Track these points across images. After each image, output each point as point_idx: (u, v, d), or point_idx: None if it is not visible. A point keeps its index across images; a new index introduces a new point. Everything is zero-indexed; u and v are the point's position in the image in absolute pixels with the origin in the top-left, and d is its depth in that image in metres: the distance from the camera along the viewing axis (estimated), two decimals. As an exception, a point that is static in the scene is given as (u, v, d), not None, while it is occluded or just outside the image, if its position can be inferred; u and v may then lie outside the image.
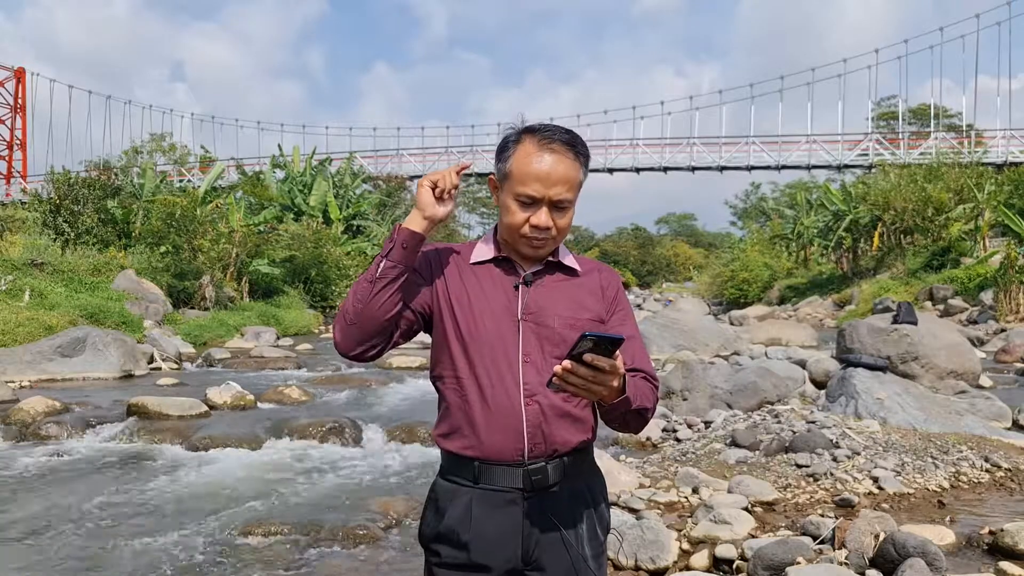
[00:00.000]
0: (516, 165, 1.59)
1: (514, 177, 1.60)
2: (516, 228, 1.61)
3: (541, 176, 1.57)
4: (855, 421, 5.66)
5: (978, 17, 40.05)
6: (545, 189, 1.57)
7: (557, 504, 1.61)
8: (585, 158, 1.63)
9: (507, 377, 1.59)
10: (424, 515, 1.70)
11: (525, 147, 1.60)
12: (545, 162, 1.57)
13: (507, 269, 1.67)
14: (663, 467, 5.08)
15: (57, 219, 21.29)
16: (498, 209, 1.68)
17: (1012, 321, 16.14)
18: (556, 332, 1.61)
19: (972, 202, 23.99)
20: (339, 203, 31.72)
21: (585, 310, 1.66)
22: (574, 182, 1.60)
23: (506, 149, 1.63)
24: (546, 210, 1.59)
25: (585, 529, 1.64)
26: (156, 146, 43.57)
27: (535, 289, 1.65)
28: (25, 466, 6.06)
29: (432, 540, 1.65)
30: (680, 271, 66.72)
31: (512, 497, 1.58)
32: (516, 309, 1.63)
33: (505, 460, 1.58)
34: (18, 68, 52.35)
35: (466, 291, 1.65)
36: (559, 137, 1.59)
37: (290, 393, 8.83)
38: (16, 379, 9.79)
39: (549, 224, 1.59)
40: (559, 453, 1.60)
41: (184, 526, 4.59)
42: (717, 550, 3.63)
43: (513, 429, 1.57)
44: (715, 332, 13.75)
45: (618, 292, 1.75)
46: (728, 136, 42.64)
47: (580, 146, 1.61)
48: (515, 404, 1.58)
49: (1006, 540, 3.57)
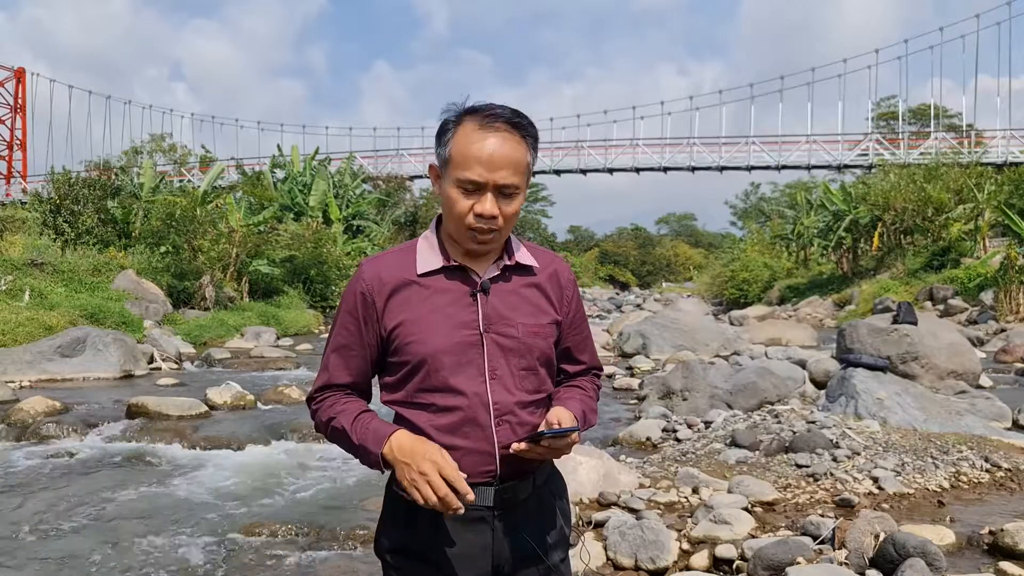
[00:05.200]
0: (456, 149, 1.45)
1: (454, 162, 1.45)
2: (460, 219, 1.47)
3: (484, 159, 1.42)
4: (855, 421, 5.66)
5: (978, 17, 40.06)
6: (489, 173, 1.43)
7: (526, 517, 1.57)
8: (533, 139, 1.49)
9: (475, 399, 1.49)
10: (382, 526, 1.61)
11: (465, 129, 1.45)
12: (488, 144, 1.43)
13: (460, 276, 1.53)
14: (663, 467, 5.08)
15: (57, 219, 21.28)
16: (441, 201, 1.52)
17: (1012, 321, 16.13)
18: (521, 342, 1.53)
19: (972, 202, 23.98)
20: (339, 203, 31.73)
21: (544, 314, 1.58)
22: (521, 165, 1.46)
23: (445, 132, 1.48)
24: (491, 197, 1.45)
25: (554, 535, 1.62)
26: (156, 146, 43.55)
27: (493, 296, 1.53)
28: (25, 466, 6.06)
29: (393, 552, 1.56)
30: (680, 271, 66.72)
31: (481, 515, 1.52)
32: (476, 321, 1.51)
33: (475, 481, 1.48)
34: (18, 68, 52.34)
35: (418, 311, 1.51)
36: (503, 116, 1.45)
37: (290, 393, 8.83)
38: (16, 379, 9.78)
39: (495, 212, 1.45)
40: (528, 471, 1.56)
41: (184, 526, 4.59)
42: (717, 550, 3.63)
43: (484, 452, 1.50)
44: (715, 332, 13.75)
45: (575, 292, 1.68)
46: (728, 136, 42.70)
47: (527, 126, 1.48)
48: (485, 426, 1.50)
49: (1006, 540, 3.57)
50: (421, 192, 44.09)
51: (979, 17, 39.99)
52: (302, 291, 23.89)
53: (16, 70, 52.17)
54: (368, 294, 1.52)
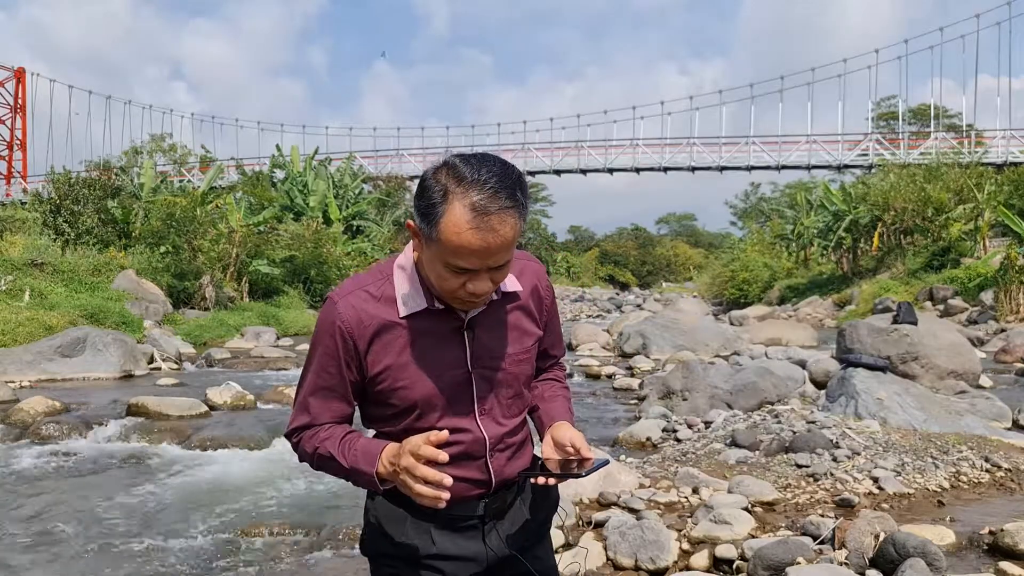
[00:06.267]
0: (446, 235, 1.30)
1: (444, 247, 1.32)
2: (451, 292, 1.40)
3: (478, 251, 1.31)
4: (855, 421, 5.66)
5: (978, 17, 40.06)
6: (483, 261, 1.33)
7: (515, 520, 1.60)
8: (524, 202, 1.34)
9: (467, 435, 1.50)
10: (368, 529, 1.61)
11: (455, 211, 1.29)
12: (482, 237, 1.29)
13: (445, 315, 1.47)
14: (663, 467, 5.08)
15: (57, 219, 21.29)
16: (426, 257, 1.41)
17: (1012, 321, 16.13)
18: (508, 373, 1.54)
19: (972, 202, 23.99)
20: (339, 203, 31.75)
21: (529, 336, 1.58)
22: (514, 240, 1.35)
23: (432, 208, 1.31)
24: (485, 276, 1.37)
25: (543, 532, 1.68)
26: (156, 146, 43.53)
27: (480, 331, 1.49)
28: (25, 466, 6.06)
29: (385, 556, 1.57)
30: (680, 271, 66.72)
31: (472, 523, 1.56)
32: (464, 358, 1.48)
33: (466, 499, 1.53)
34: (18, 68, 52.37)
35: (403, 356, 1.46)
36: (498, 201, 1.29)
37: (290, 393, 8.82)
38: (16, 379, 9.79)
39: (489, 289, 1.40)
40: (516, 480, 1.60)
41: (184, 526, 4.59)
42: (717, 550, 3.63)
43: (478, 481, 1.54)
44: (715, 332, 13.76)
45: (552, 297, 1.67)
46: (728, 136, 42.73)
47: (520, 194, 1.32)
48: (479, 457, 1.53)
49: (1006, 540, 3.57)
50: (421, 192, 44.06)
51: (979, 17, 40.04)
52: (302, 291, 23.90)
53: (16, 70, 52.19)
54: (348, 337, 1.45)
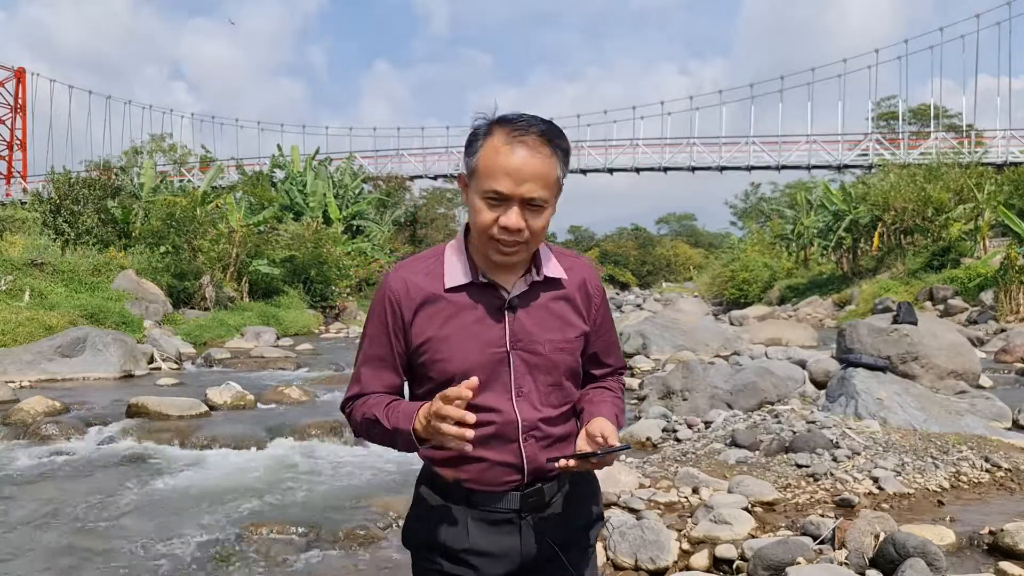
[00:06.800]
0: (484, 160, 1.43)
1: (481, 173, 1.43)
2: (484, 230, 1.45)
3: (511, 171, 1.40)
4: (855, 421, 5.66)
5: (978, 17, 40.06)
6: (515, 186, 1.41)
7: (554, 521, 1.57)
8: (564, 152, 1.46)
9: (501, 416, 1.50)
10: (409, 522, 1.64)
11: (494, 140, 1.42)
12: (516, 156, 1.40)
13: (488, 292, 1.52)
14: (663, 467, 5.08)
15: (57, 219, 21.29)
16: (468, 211, 1.52)
17: (1012, 321, 16.13)
18: (547, 359, 1.53)
19: (972, 202, 23.99)
20: (339, 203, 31.75)
21: (572, 328, 1.58)
22: (549, 179, 1.43)
23: (474, 142, 1.46)
24: (517, 209, 1.42)
25: (579, 537, 1.62)
26: (156, 146, 43.53)
27: (521, 313, 1.52)
28: (25, 466, 6.06)
29: (424, 548, 1.60)
30: (680, 271, 66.71)
31: (508, 517, 1.53)
32: (503, 339, 1.50)
33: (500, 489, 1.53)
34: (18, 68, 52.37)
35: (445, 329, 1.50)
36: (533, 128, 1.42)
37: (290, 393, 8.83)
38: (16, 379, 9.79)
39: (520, 225, 1.42)
40: (554, 475, 1.57)
41: (184, 526, 4.59)
42: (717, 550, 3.63)
43: (511, 465, 1.52)
44: (715, 332, 13.75)
45: (602, 299, 1.67)
46: (728, 136, 42.68)
47: (557, 139, 1.44)
48: (512, 441, 1.52)
49: (1006, 540, 3.57)
50: (421, 192, 44.13)
51: (979, 17, 40.03)
52: (302, 291, 23.90)
53: (16, 70, 52.19)
54: (396, 305, 1.53)
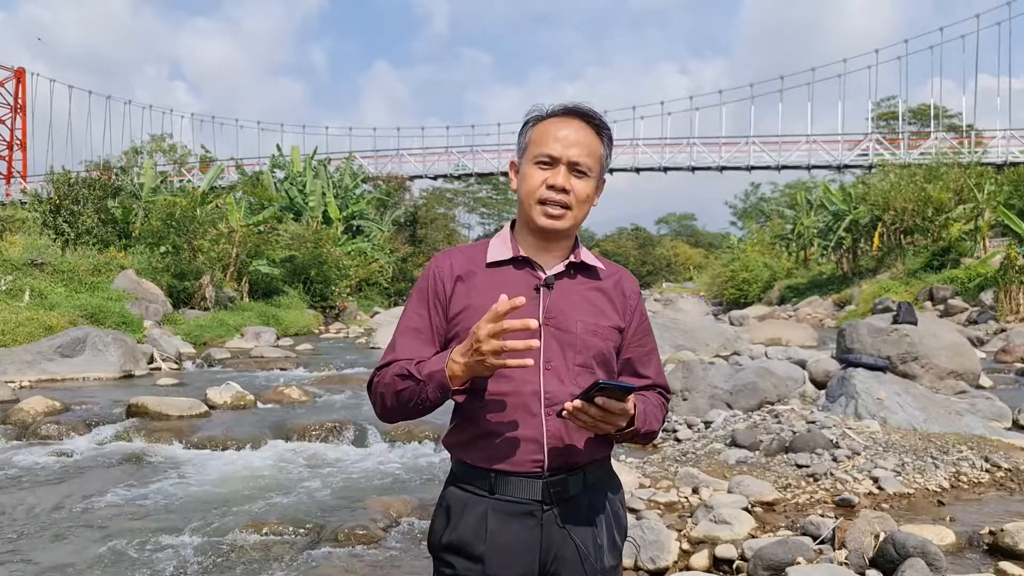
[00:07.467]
0: (536, 132, 1.60)
1: (533, 141, 1.60)
2: (532, 192, 1.57)
3: (560, 137, 1.56)
4: (855, 421, 5.66)
5: (978, 17, 40.09)
6: (563, 149, 1.56)
7: (576, 516, 1.55)
8: (608, 138, 1.63)
9: (527, 386, 1.52)
10: (433, 523, 1.63)
11: (547, 119, 1.60)
12: (566, 127, 1.58)
13: (527, 270, 1.60)
14: (663, 467, 5.08)
15: (57, 219, 21.29)
16: (515, 202, 1.64)
17: (1012, 321, 16.13)
18: (578, 338, 1.56)
19: (972, 202, 24.00)
20: (339, 203, 31.74)
21: (605, 317, 1.61)
22: (595, 150, 1.59)
23: (529, 122, 1.64)
24: (564, 170, 1.56)
25: (605, 540, 1.59)
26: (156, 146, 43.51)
27: (557, 292, 1.58)
28: (25, 466, 6.06)
29: (442, 550, 1.58)
30: (680, 271, 66.67)
31: (530, 508, 1.52)
32: (537, 313, 1.55)
33: (523, 472, 1.52)
34: (18, 68, 52.34)
35: (482, 299, 1.54)
36: (581, 110, 1.60)
37: (290, 393, 8.83)
38: (16, 379, 9.79)
39: (566, 184, 1.55)
40: (580, 465, 1.56)
41: (184, 526, 4.59)
42: (717, 550, 3.63)
43: (533, 441, 1.52)
44: (715, 332, 13.76)
45: (639, 302, 1.70)
46: (728, 136, 42.68)
47: (603, 126, 1.61)
48: (535, 416, 1.52)
49: (1006, 540, 3.57)
50: (421, 192, 44.10)
51: (979, 17, 40.06)
52: (302, 291, 23.91)
53: (16, 70, 52.17)
54: (438, 278, 1.61)
